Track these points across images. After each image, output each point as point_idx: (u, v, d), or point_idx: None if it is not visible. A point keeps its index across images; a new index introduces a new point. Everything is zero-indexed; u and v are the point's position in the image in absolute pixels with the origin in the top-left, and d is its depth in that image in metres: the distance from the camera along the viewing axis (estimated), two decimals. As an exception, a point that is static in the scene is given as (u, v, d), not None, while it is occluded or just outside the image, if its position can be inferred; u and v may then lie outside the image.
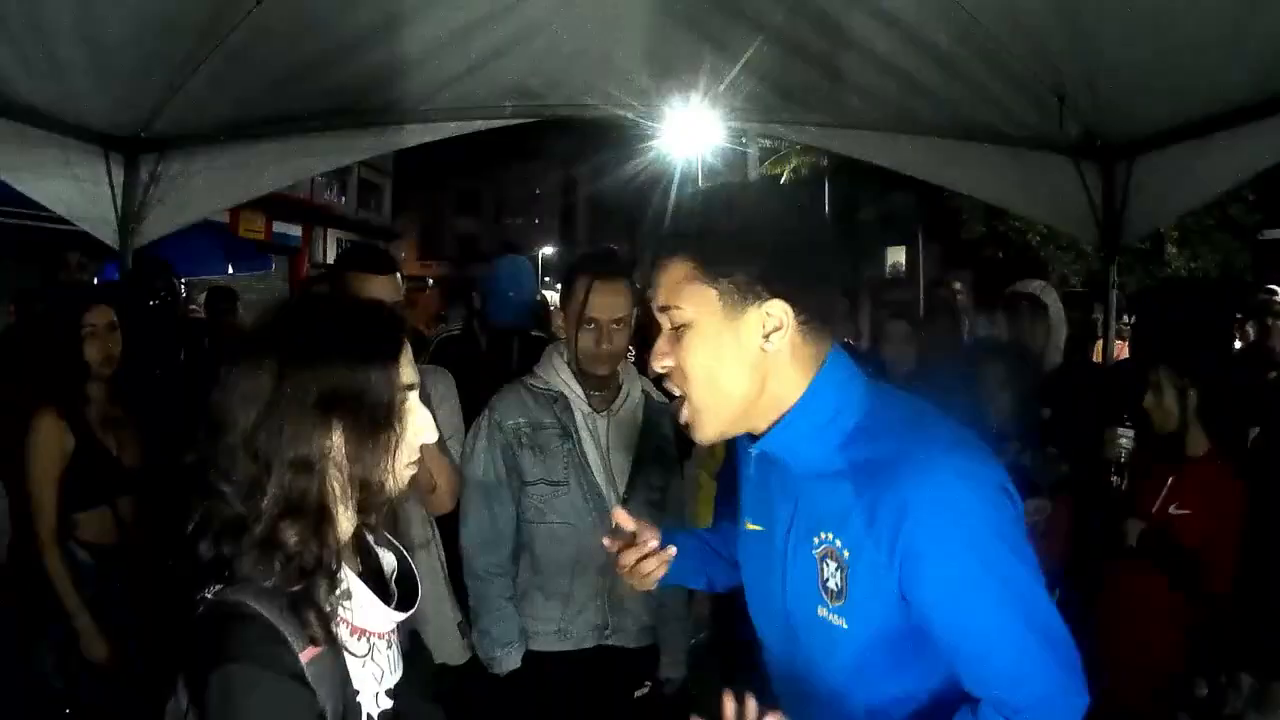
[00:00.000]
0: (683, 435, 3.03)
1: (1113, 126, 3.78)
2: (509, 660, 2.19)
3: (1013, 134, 3.91)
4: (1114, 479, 2.56)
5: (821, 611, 1.11)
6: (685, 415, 1.16)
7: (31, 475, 2.39)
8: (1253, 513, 2.38)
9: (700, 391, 1.12)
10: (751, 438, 1.19)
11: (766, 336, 1.09)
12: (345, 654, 1.08)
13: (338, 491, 1.06)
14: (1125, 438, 2.56)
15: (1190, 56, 2.99)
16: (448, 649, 2.36)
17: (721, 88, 3.73)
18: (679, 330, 1.11)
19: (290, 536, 1.02)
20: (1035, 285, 3.32)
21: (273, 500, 1.01)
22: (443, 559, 2.38)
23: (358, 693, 1.09)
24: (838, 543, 1.09)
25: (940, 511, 1.02)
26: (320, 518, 1.04)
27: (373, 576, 1.19)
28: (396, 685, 1.19)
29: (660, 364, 1.14)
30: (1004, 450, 2.64)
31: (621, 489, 2.24)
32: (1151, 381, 2.50)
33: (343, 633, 1.08)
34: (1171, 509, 2.46)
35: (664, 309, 1.12)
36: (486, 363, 3.33)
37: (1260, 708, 2.20)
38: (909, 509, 1.02)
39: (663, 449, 2.33)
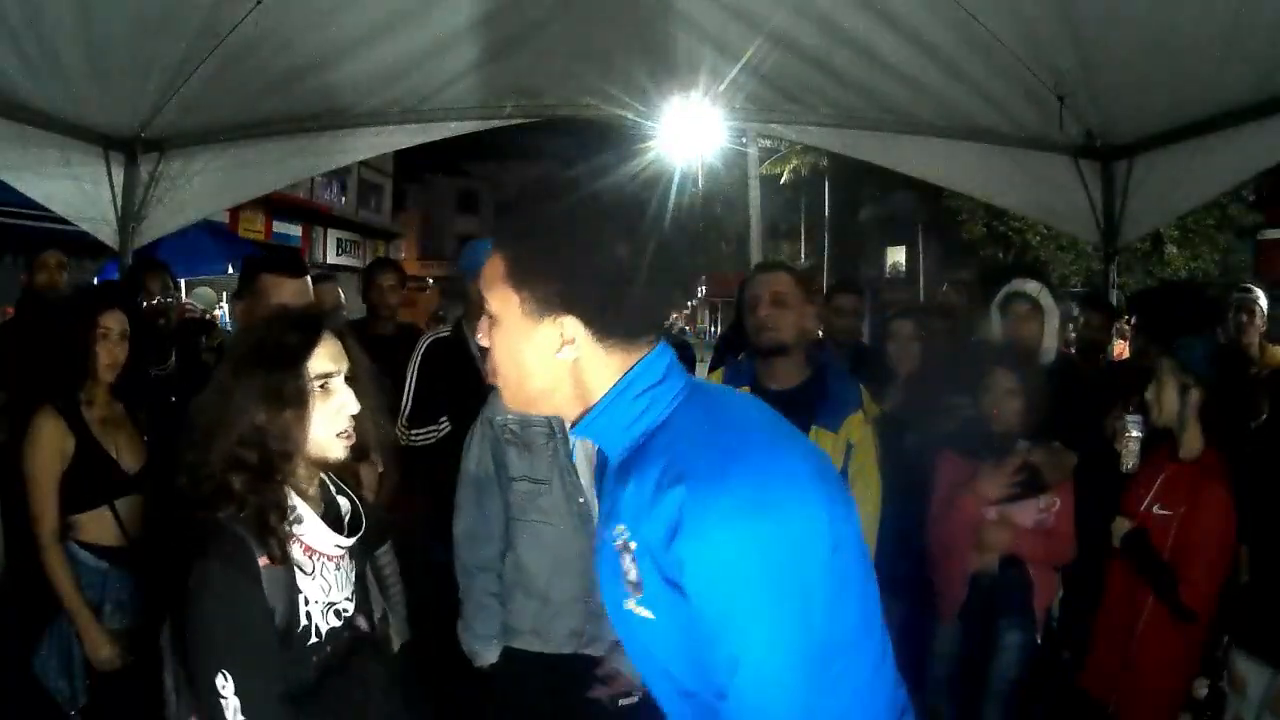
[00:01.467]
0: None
1: (1113, 126, 3.79)
2: (488, 654, 2.21)
3: (1013, 134, 3.92)
4: (1125, 467, 2.59)
5: (628, 604, 1.12)
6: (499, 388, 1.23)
7: (30, 475, 2.38)
8: (1258, 508, 2.37)
9: (503, 374, 1.18)
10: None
11: (559, 349, 1.12)
12: (296, 569, 1.44)
13: (274, 457, 1.43)
14: (1135, 426, 2.58)
15: (1190, 56, 3.00)
16: None
17: (721, 88, 3.74)
18: (490, 319, 1.17)
19: (237, 485, 1.40)
20: (1031, 286, 3.32)
21: (221, 462, 1.41)
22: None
23: (308, 600, 1.44)
24: (629, 537, 1.10)
25: (707, 548, 1.00)
26: (262, 472, 1.42)
27: (332, 515, 1.56)
28: (352, 612, 1.53)
29: (481, 340, 1.20)
30: (1015, 450, 2.65)
31: None
32: (1155, 374, 2.49)
33: (296, 550, 1.45)
34: (1155, 509, 2.46)
35: (482, 295, 1.18)
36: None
37: (1274, 709, 2.18)
38: (681, 530, 1.01)
39: None
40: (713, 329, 37.10)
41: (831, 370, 2.52)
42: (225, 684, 1.30)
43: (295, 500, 1.46)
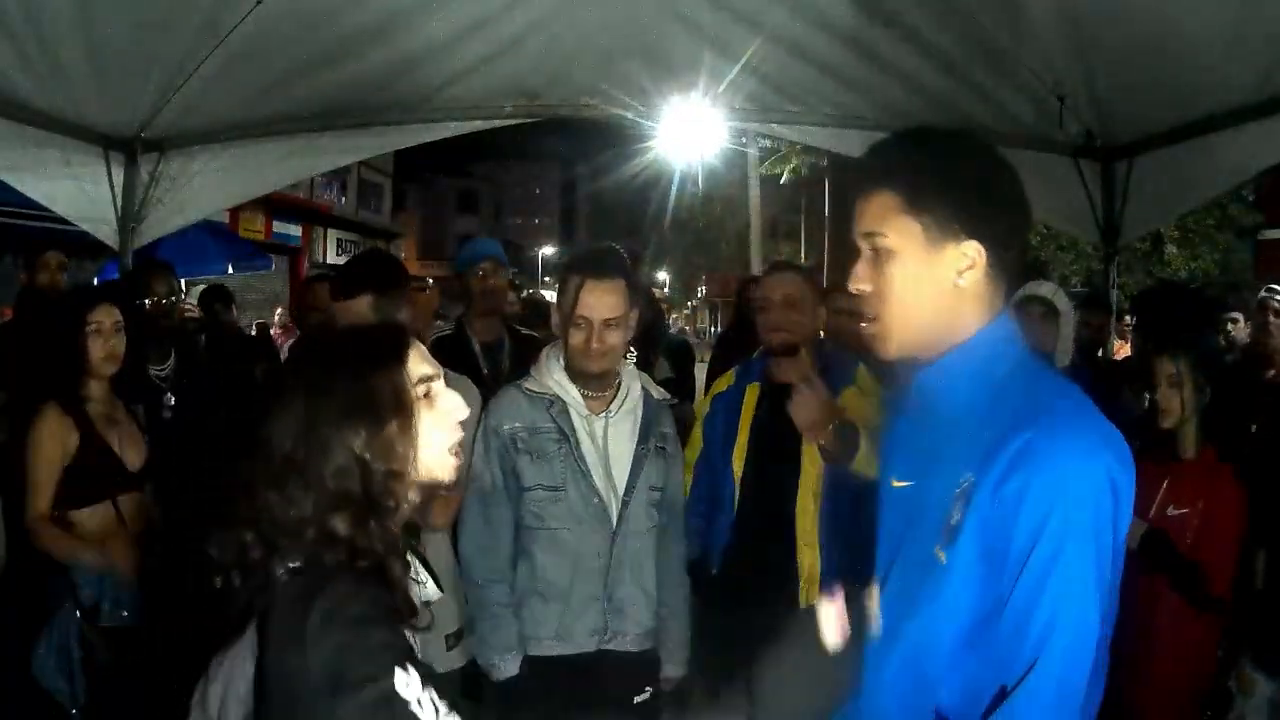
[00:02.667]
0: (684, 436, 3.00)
1: (1113, 126, 3.79)
2: (507, 667, 2.17)
3: (1013, 134, 3.91)
4: None
5: (936, 549, 1.16)
6: (872, 334, 1.27)
7: (32, 466, 2.38)
8: (1262, 512, 2.37)
9: (892, 314, 1.22)
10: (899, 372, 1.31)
11: (960, 274, 1.18)
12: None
13: (380, 486, 1.17)
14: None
15: (1190, 56, 2.99)
16: (431, 655, 2.32)
17: (721, 88, 3.74)
18: (880, 256, 1.21)
19: (343, 529, 1.12)
20: (1046, 288, 3.32)
21: (322, 502, 1.13)
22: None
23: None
24: (974, 480, 1.13)
25: (1052, 476, 1.07)
26: (369, 509, 1.15)
27: None
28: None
29: (857, 286, 1.24)
30: None
31: (621, 490, 2.22)
32: (1167, 375, 2.47)
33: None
34: (1169, 510, 2.45)
35: (868, 235, 1.22)
36: (478, 362, 3.35)
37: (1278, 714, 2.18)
38: (1025, 463, 1.07)
39: (662, 448, 2.31)
40: (713, 329, 37.10)
41: (834, 358, 2.59)
42: (409, 680, 1.03)
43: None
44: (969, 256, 1.18)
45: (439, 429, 1.24)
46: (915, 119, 3.92)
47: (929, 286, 1.20)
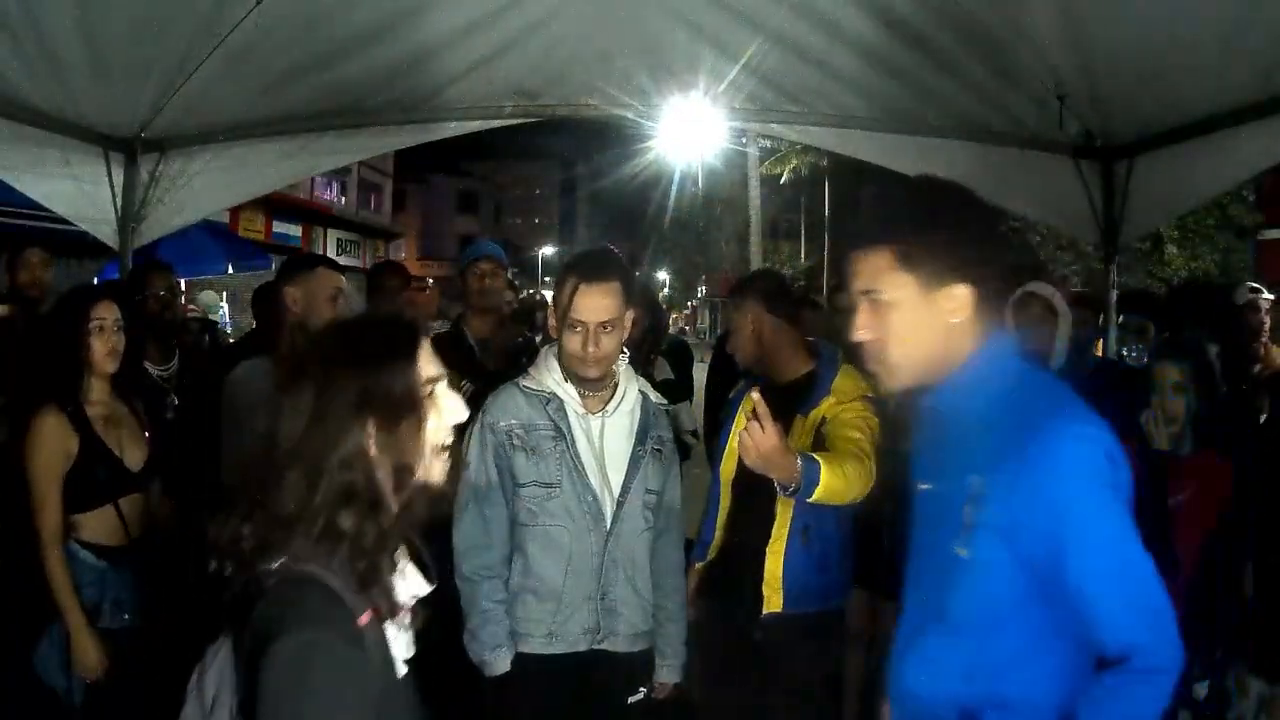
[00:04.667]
0: (680, 438, 3.00)
1: (1113, 126, 3.79)
2: (498, 663, 2.18)
3: (1013, 134, 3.91)
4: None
5: (956, 548, 1.33)
6: (879, 373, 1.43)
7: (32, 475, 2.38)
8: (1257, 512, 2.38)
9: (897, 355, 1.37)
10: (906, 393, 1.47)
11: (952, 313, 1.34)
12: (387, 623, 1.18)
13: (384, 481, 1.18)
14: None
15: (1190, 56, 2.99)
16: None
17: (721, 88, 3.74)
18: (879, 308, 1.36)
19: (347, 523, 1.13)
20: (1047, 290, 3.34)
21: (327, 494, 1.13)
22: None
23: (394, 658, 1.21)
24: (984, 482, 1.30)
25: (1059, 463, 1.25)
26: (373, 504, 1.15)
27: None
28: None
29: (861, 335, 1.39)
30: None
31: (616, 490, 2.23)
32: (1171, 382, 2.49)
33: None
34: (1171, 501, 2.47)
35: (868, 292, 1.37)
36: (475, 356, 3.37)
37: (1271, 715, 2.19)
38: (1036, 456, 1.25)
39: (659, 450, 2.31)
40: (713, 329, 37.11)
41: (824, 359, 2.60)
42: None
43: None
44: (958, 298, 1.33)
45: (437, 431, 1.24)
46: (915, 119, 3.93)
47: (925, 329, 1.35)
